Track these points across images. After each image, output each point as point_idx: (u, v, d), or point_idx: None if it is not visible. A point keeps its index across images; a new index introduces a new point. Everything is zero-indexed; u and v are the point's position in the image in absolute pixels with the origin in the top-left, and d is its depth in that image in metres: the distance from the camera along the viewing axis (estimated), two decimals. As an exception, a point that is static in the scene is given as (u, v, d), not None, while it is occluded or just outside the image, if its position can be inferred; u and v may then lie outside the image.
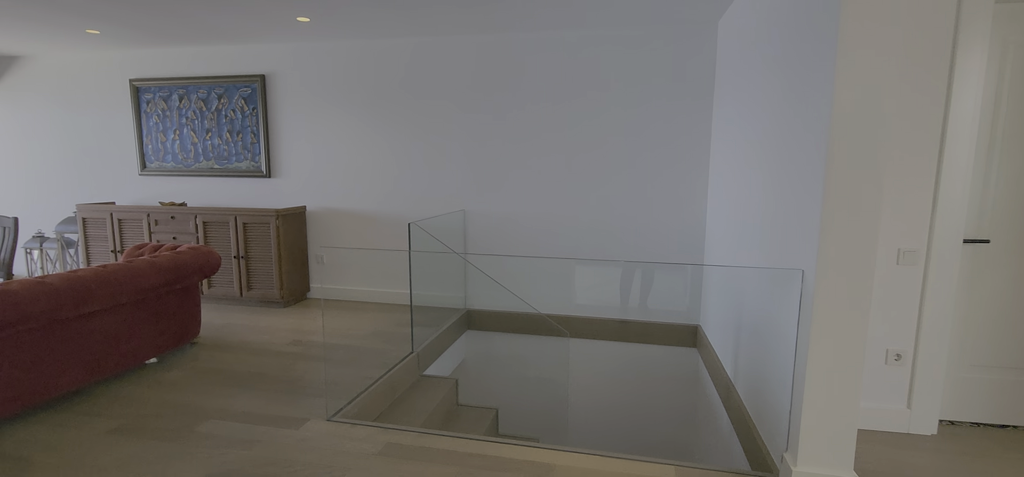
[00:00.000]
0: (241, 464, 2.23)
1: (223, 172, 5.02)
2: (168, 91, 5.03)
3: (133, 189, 5.31)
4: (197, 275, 3.47)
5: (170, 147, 5.12)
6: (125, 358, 3.07)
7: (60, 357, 2.69)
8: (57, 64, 5.33)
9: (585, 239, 4.39)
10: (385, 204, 4.75)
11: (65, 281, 2.65)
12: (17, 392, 2.51)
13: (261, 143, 4.88)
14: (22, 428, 2.52)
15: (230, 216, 4.57)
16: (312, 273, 5.03)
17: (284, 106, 4.83)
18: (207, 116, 4.97)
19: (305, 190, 4.91)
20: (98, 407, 2.73)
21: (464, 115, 4.48)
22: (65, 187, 5.49)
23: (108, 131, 5.28)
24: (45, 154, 5.49)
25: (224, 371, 3.22)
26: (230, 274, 4.65)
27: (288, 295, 4.68)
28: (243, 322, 4.23)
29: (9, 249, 3.60)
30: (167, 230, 4.72)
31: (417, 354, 3.63)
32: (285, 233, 4.61)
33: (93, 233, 4.90)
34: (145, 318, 3.18)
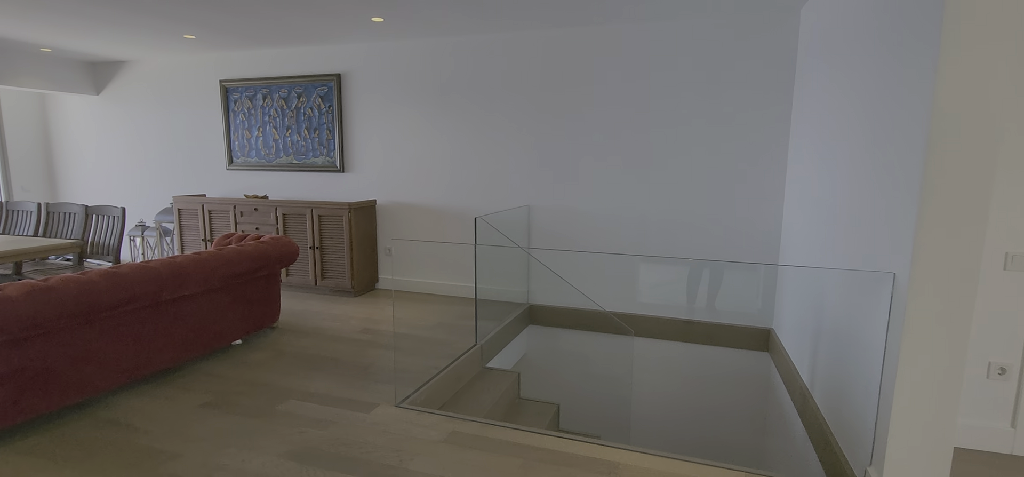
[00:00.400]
0: (318, 443, 2.35)
1: (301, 167, 5.30)
2: (253, 91, 5.36)
3: (221, 182, 5.71)
4: (278, 263, 3.69)
5: (254, 143, 5.46)
6: (214, 339, 3.31)
7: (160, 335, 2.94)
8: (157, 67, 5.81)
9: (651, 236, 4.30)
10: (451, 198, 4.85)
11: (166, 266, 2.90)
12: (124, 365, 2.77)
13: (336, 139, 5.11)
14: (127, 398, 2.78)
15: (307, 209, 4.82)
16: (380, 264, 5.22)
17: (357, 104, 5.03)
18: (287, 114, 5.26)
19: (375, 184, 5.10)
20: (191, 383, 2.97)
21: (531, 110, 4.49)
22: (163, 180, 5.98)
23: (200, 129, 5.71)
24: (147, 150, 6.01)
25: (301, 355, 3.41)
26: (306, 264, 4.91)
27: (358, 285, 4.88)
28: (317, 309, 4.45)
29: (117, 236, 3.97)
30: (251, 221, 5.04)
31: (481, 347, 3.69)
32: (357, 225, 4.80)
33: (187, 223, 5.31)
34: (232, 302, 3.42)
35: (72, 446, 2.31)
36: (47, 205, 4.29)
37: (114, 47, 5.22)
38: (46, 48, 5.35)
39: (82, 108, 6.27)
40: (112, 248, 4.00)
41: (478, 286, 3.66)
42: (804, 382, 3.08)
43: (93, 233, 4.09)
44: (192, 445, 2.33)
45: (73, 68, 5.93)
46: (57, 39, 4.89)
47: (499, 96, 4.57)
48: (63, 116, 6.40)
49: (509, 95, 4.54)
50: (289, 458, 2.23)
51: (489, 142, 4.65)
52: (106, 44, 5.08)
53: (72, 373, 2.53)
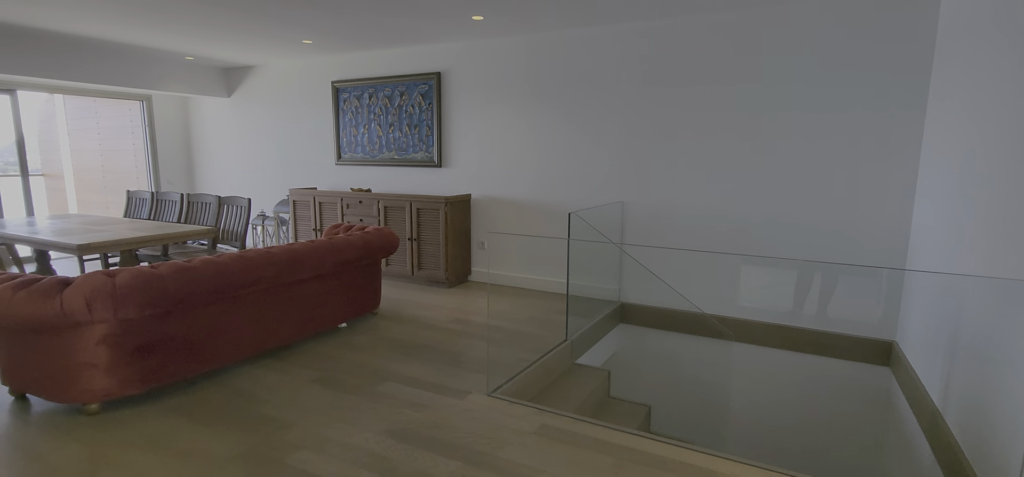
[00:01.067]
0: (414, 424, 2.47)
1: (401, 162, 5.57)
2: (360, 90, 5.71)
3: (330, 176, 6.14)
4: (380, 253, 3.91)
5: (360, 140, 5.82)
6: (324, 321, 3.57)
7: (278, 315, 3.23)
8: (278, 71, 6.36)
9: (754, 235, 4.05)
10: (544, 193, 4.87)
11: (285, 252, 3.17)
12: (249, 340, 3.07)
13: (434, 135, 5.32)
14: (251, 370, 3.07)
15: (406, 202, 5.06)
16: (474, 257, 5.36)
17: (455, 101, 5.20)
18: (391, 112, 5.55)
19: (470, 179, 5.24)
20: (304, 360, 3.23)
21: (627, 105, 4.39)
22: (281, 174, 6.55)
23: (314, 127, 6.18)
24: (267, 146, 6.61)
25: (399, 340, 3.59)
26: (404, 254, 5.15)
27: (452, 277, 5.05)
28: (413, 298, 4.66)
29: (243, 224, 4.42)
30: (355, 213, 5.38)
31: (571, 343, 3.68)
32: (452, 219, 4.97)
33: (301, 213, 5.78)
34: (339, 288, 3.67)
35: (206, 409, 2.60)
36: (187, 195, 4.86)
37: (244, 53, 5.78)
38: (189, 56, 6.04)
39: (216, 109, 7.02)
40: (239, 234, 4.45)
41: (570, 282, 3.65)
42: (934, 402, 2.76)
43: (224, 221, 4.58)
44: (304, 416, 2.53)
45: (210, 74, 6.65)
46: (199, 48, 5.51)
47: (595, 91, 4.51)
48: (200, 116, 7.20)
49: (605, 89, 4.47)
50: (388, 436, 2.36)
51: (584, 137, 4.61)
52: (238, 51, 5.64)
53: (207, 344, 2.85)
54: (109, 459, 2.17)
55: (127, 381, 2.54)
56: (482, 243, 5.29)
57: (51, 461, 2.15)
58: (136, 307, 2.46)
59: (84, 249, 3.37)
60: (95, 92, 6.40)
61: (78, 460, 2.16)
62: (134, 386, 2.57)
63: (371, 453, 2.22)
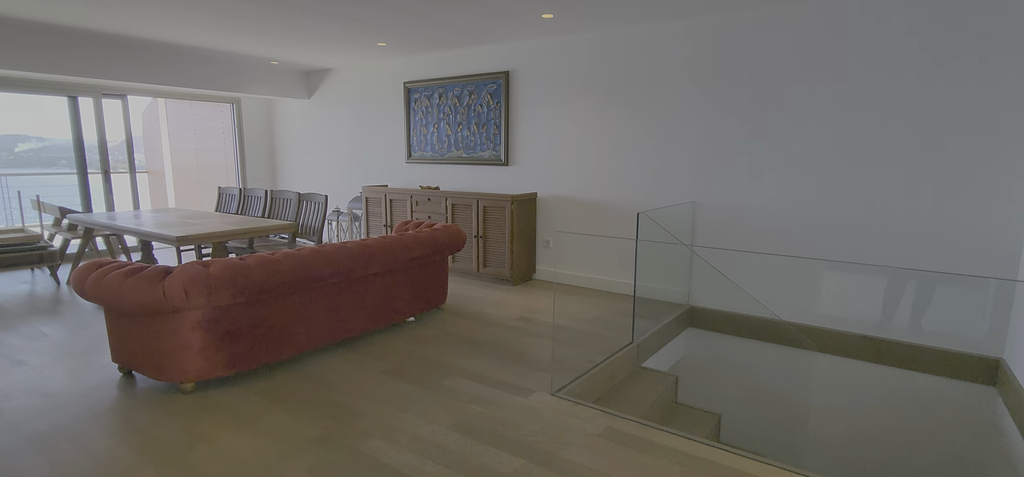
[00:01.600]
0: (479, 420, 2.50)
1: (469, 160, 5.66)
2: (431, 90, 5.85)
3: (401, 174, 6.34)
4: (448, 250, 3.99)
5: (429, 139, 5.97)
6: (393, 314, 3.70)
7: (351, 307, 3.37)
8: (354, 73, 6.63)
9: (840, 239, 3.79)
10: (611, 193, 4.79)
11: (359, 247, 3.31)
12: (324, 330, 3.23)
13: (502, 134, 5.36)
14: (325, 359, 3.23)
15: (473, 200, 5.13)
16: (538, 256, 5.36)
17: (523, 100, 5.22)
18: (459, 111, 5.65)
19: (537, 177, 5.24)
20: (374, 351, 3.35)
21: (700, 102, 4.24)
22: (355, 172, 6.83)
23: (386, 126, 6.40)
24: (343, 145, 6.91)
25: (465, 336, 3.65)
26: (470, 251, 5.24)
27: (516, 275, 5.07)
28: (478, 295, 4.73)
29: (320, 219, 4.65)
30: (424, 210, 5.53)
31: (637, 345, 3.60)
32: (518, 217, 4.99)
33: (372, 210, 6.01)
34: (408, 283, 3.78)
35: (286, 393, 2.76)
36: (270, 192, 5.17)
37: (324, 57, 6.07)
38: (274, 61, 6.43)
39: (297, 110, 7.43)
40: (316, 229, 4.69)
41: (637, 283, 3.57)
42: (1050, 430, 2.48)
43: (302, 216, 4.84)
44: (375, 406, 2.63)
45: (292, 77, 7.05)
46: (283, 53, 5.84)
47: (665, 88, 4.39)
48: (283, 117, 7.65)
49: (676, 87, 4.33)
50: (454, 430, 2.40)
51: (654, 135, 4.50)
52: (318, 55, 5.93)
53: (286, 332, 3.02)
54: (202, 434, 2.35)
55: (217, 363, 2.74)
56: (547, 242, 5.28)
57: (153, 433, 2.36)
58: (227, 295, 2.64)
59: (182, 241, 3.67)
60: (192, 96, 6.94)
61: (176, 434, 2.36)
62: (223, 368, 2.76)
63: (438, 445, 2.28)
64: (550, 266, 5.30)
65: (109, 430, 2.39)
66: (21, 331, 3.68)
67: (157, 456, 2.19)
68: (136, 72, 5.55)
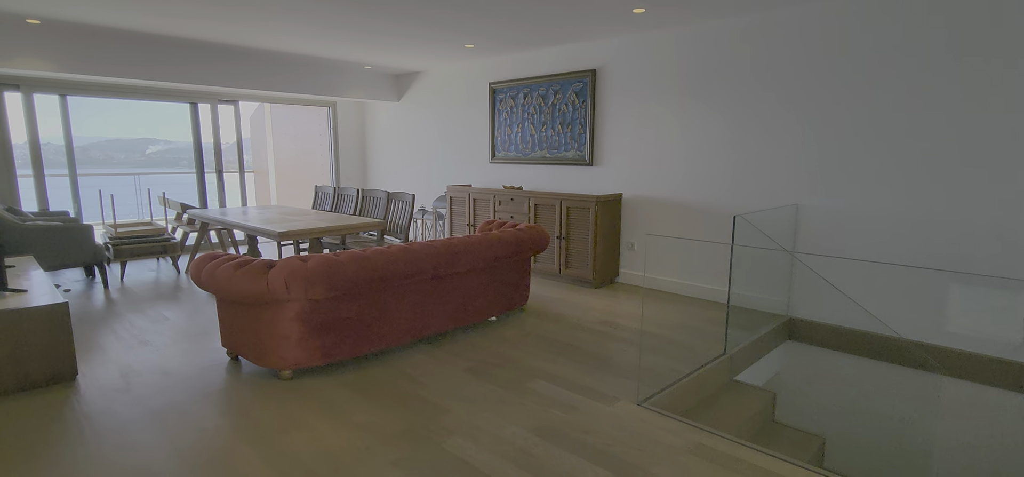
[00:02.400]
0: (562, 425, 2.44)
1: (553, 160, 5.60)
2: (516, 90, 5.86)
3: (484, 174, 6.41)
4: (531, 250, 3.95)
5: (513, 138, 5.98)
6: (475, 313, 3.72)
7: (435, 305, 3.42)
8: (441, 75, 6.79)
9: (974, 249, 3.34)
10: (704, 195, 4.55)
11: (444, 246, 3.35)
12: (410, 327, 3.31)
13: (587, 133, 5.26)
14: (411, 354, 3.30)
15: (556, 200, 5.07)
16: (622, 258, 5.20)
17: (609, 98, 5.08)
18: (544, 111, 5.61)
19: (622, 178, 5.09)
20: (457, 349, 3.38)
21: (802, 97, 3.91)
22: (440, 171, 7.00)
23: (471, 127, 6.49)
24: (429, 146, 7.10)
25: (547, 338, 3.60)
26: (552, 252, 5.18)
27: (599, 277, 4.95)
28: (560, 297, 4.66)
29: (407, 218, 4.80)
30: (507, 210, 5.54)
31: (730, 357, 3.37)
32: (602, 218, 4.87)
33: (456, 209, 6.11)
34: (491, 282, 3.79)
35: (372, 385, 2.85)
36: (362, 190, 5.41)
37: (413, 60, 6.27)
38: (367, 65, 6.73)
39: (387, 112, 7.73)
40: (403, 227, 4.84)
41: (731, 291, 3.35)
42: None
43: (391, 214, 5.01)
44: (458, 404, 2.64)
45: (383, 80, 7.35)
46: (375, 58, 6.10)
47: (763, 83, 4.09)
48: (374, 119, 7.99)
49: (776, 81, 4.02)
50: (536, 434, 2.36)
51: (752, 134, 4.21)
52: (407, 58, 6.13)
53: (375, 327, 3.12)
54: (296, 420, 2.47)
55: (312, 353, 2.87)
56: (632, 244, 5.11)
57: (254, 415, 2.51)
58: (322, 289, 2.77)
59: (283, 236, 3.91)
60: (294, 100, 7.43)
61: (274, 417, 2.49)
62: (316, 359, 2.90)
63: (520, 449, 2.24)
64: (635, 270, 5.12)
65: (217, 409, 2.57)
66: (147, 314, 4.09)
67: (257, 437, 2.32)
68: (248, 79, 6.02)
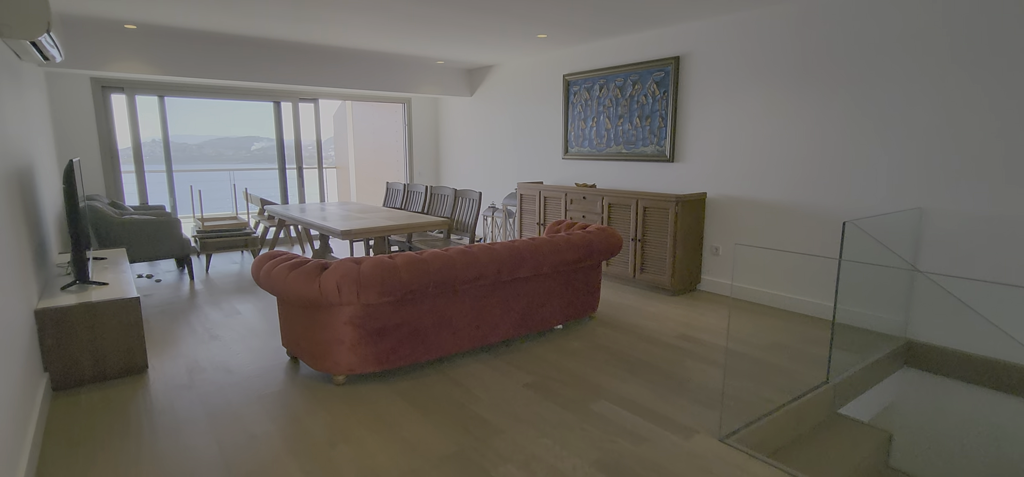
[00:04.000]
0: (629, 459, 2.14)
1: (629, 156, 5.23)
2: (591, 82, 5.54)
3: (556, 171, 6.14)
4: (602, 255, 3.65)
5: (587, 133, 5.66)
6: (540, 321, 3.47)
7: (496, 311, 3.22)
8: (514, 69, 6.59)
9: None
10: (803, 195, 4.01)
11: (506, 249, 3.13)
12: (469, 334, 3.12)
13: (667, 127, 4.84)
14: (467, 363, 3.12)
15: (632, 200, 4.71)
16: (705, 264, 4.74)
17: (694, 88, 4.64)
18: (621, 103, 5.25)
19: (707, 176, 4.63)
20: (518, 360, 3.16)
21: (938, 81, 3.31)
22: (511, 168, 6.81)
23: (543, 121, 6.24)
24: (501, 141, 6.93)
25: (616, 351, 3.29)
26: (626, 255, 4.82)
27: (678, 284, 4.53)
28: (633, 304, 4.30)
29: (474, 216, 4.64)
30: (578, 209, 5.24)
31: (833, 386, 2.90)
32: (682, 220, 4.45)
33: (526, 207, 5.89)
34: (557, 288, 3.53)
35: (426, 396, 2.68)
36: (430, 187, 5.33)
37: (485, 53, 6.11)
38: (440, 60, 6.66)
39: (459, 108, 7.65)
40: (469, 226, 4.69)
41: (837, 306, 2.87)
42: None
43: (458, 212, 4.88)
44: (514, 425, 2.41)
45: (456, 76, 7.26)
46: (448, 52, 6.00)
47: (886, 66, 3.51)
48: (447, 115, 7.95)
49: (904, 63, 3.43)
50: (599, 468, 2.08)
51: (865, 125, 3.64)
52: (479, 51, 5.98)
53: (431, 334, 2.96)
54: (345, 432, 2.34)
55: (366, 359, 2.76)
56: (716, 249, 4.65)
57: (304, 424, 2.42)
58: (376, 293, 2.64)
59: (346, 234, 3.86)
60: (371, 97, 7.52)
61: (323, 427, 2.39)
62: (371, 365, 2.78)
63: (579, 487, 1.97)
64: (719, 276, 4.65)
65: (269, 414, 2.51)
66: (223, 307, 4.21)
67: (304, 449, 2.22)
68: (326, 77, 6.13)
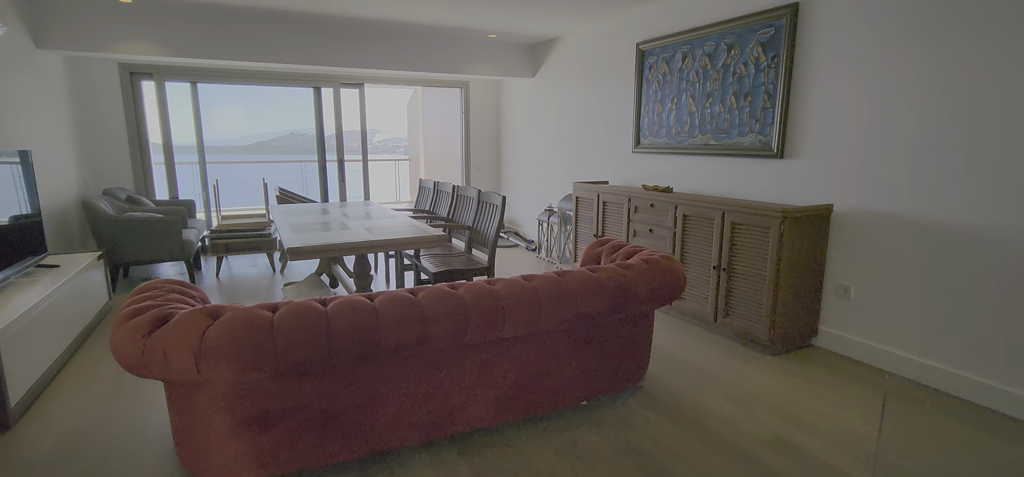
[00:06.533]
0: None
1: (719, 149, 3.80)
2: (672, 50, 4.16)
3: (625, 167, 4.81)
4: (649, 302, 2.37)
5: (665, 120, 4.29)
6: (545, 397, 2.30)
7: (469, 383, 2.10)
8: (579, 40, 5.34)
9: None
10: (1005, 216, 2.42)
11: (480, 295, 1.99)
12: (421, 419, 2.04)
13: (776, 108, 3.37)
14: (423, 465, 2.03)
15: (717, 211, 3.32)
16: (825, 309, 3.23)
17: (820, 47, 3.13)
18: (710, 77, 3.83)
19: (834, 179, 3.11)
20: (505, 463, 2.01)
21: None
22: (575, 161, 5.56)
23: (611, 107, 4.94)
24: (564, 130, 5.71)
25: (658, 464, 2.02)
26: (704, 287, 3.44)
27: (780, 336, 3.09)
28: (707, 365, 2.95)
29: (495, 228, 3.51)
30: (643, 220, 3.91)
31: None
32: (792, 242, 2.99)
33: (583, 213, 4.65)
34: (574, 348, 2.32)
35: (312, 543, 1.65)
36: (456, 188, 4.28)
37: (547, 22, 4.93)
38: (492, 34, 5.58)
39: (522, 91, 6.53)
40: (488, 240, 3.56)
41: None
42: None
43: (479, 221, 3.78)
44: None
45: (516, 53, 6.14)
46: (505, 22, 4.92)
47: None
48: (509, 100, 6.86)
49: None
50: None
51: None
52: (541, 19, 4.82)
53: (355, 419, 1.92)
54: None
55: (245, 460, 1.79)
56: (845, 290, 3.12)
57: None
58: (230, 366, 1.64)
59: (293, 253, 2.81)
60: (421, 81, 6.66)
61: None
62: (252, 468, 1.80)
63: None
64: (847, 330, 3.12)
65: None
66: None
67: None
68: (371, 57, 5.35)
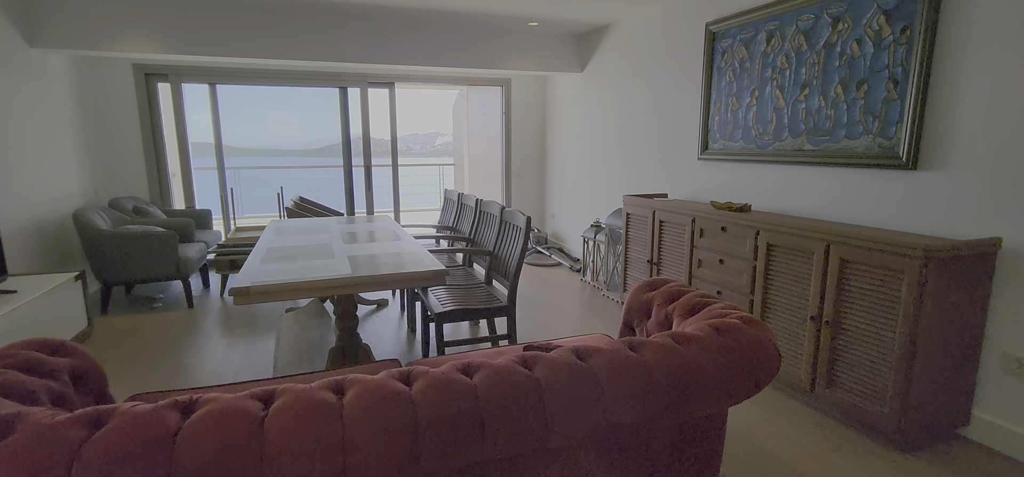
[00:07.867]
0: None
1: (818, 157, 2.87)
2: (753, 30, 3.26)
3: (687, 178, 3.93)
4: (717, 403, 1.53)
5: (742, 118, 3.39)
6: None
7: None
8: (634, 27, 4.50)
9: None
10: None
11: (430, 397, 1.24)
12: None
13: (907, 99, 2.42)
14: None
15: (818, 242, 2.41)
16: (981, 388, 2.25)
17: (980, 10, 2.18)
18: (807, 61, 2.91)
19: (1003, 200, 2.15)
20: None
21: None
22: (628, 168, 4.72)
23: (673, 103, 4.07)
24: (618, 134, 4.87)
25: None
26: (796, 343, 2.53)
27: (914, 424, 2.15)
28: (800, 463, 2.07)
29: (517, 255, 2.75)
30: (712, 247, 3.04)
31: None
32: (936, 292, 2.06)
33: (634, 233, 3.81)
34: (607, 463, 1.53)
35: None
36: (480, 202, 3.56)
37: (594, 4, 4.14)
38: (533, 22, 4.85)
39: (570, 88, 5.74)
40: (510, 270, 2.81)
41: None
42: None
43: (499, 245, 3.04)
44: None
45: (561, 44, 5.37)
46: (547, 8, 4.19)
47: None
48: (555, 98, 6.09)
49: None
50: None
51: None
52: (589, 3, 4.04)
53: None
54: None
55: None
56: (1018, 362, 2.13)
57: None
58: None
59: (234, 296, 2.13)
60: (457, 78, 6.02)
61: None
62: None
63: None
64: (1020, 423, 2.14)
65: None
66: (159, 367, 2.98)
67: None
68: (399, 52, 4.76)
